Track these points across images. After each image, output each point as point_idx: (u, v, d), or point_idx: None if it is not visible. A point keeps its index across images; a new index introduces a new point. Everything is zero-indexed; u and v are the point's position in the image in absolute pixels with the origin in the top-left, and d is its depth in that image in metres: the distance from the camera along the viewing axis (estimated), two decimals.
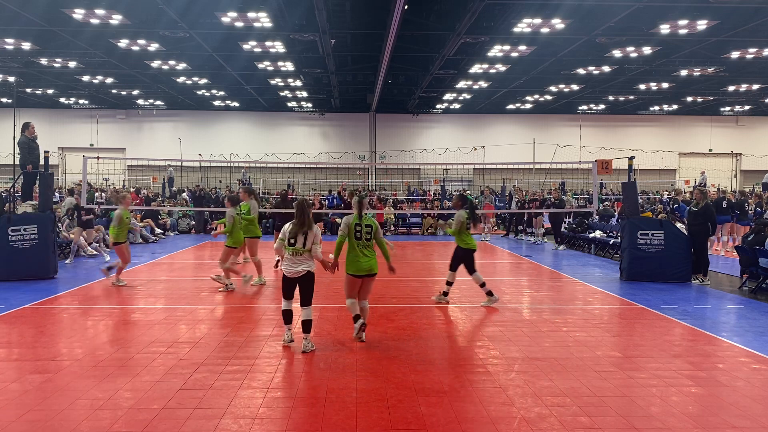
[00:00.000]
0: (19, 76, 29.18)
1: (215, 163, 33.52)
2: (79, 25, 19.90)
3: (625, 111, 39.89)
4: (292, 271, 6.51)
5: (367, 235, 6.96)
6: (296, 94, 33.93)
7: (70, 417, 4.71)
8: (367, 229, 6.96)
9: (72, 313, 8.52)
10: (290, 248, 6.49)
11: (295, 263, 6.51)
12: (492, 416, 4.81)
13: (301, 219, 6.51)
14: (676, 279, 11.45)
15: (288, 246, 6.48)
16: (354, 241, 6.94)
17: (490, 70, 26.44)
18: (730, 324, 8.24)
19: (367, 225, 6.98)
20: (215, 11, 18.81)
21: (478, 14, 17.43)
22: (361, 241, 6.92)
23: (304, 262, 6.53)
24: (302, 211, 6.54)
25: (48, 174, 12.28)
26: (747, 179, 39.87)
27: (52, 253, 11.48)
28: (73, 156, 36.55)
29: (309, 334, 6.59)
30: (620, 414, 4.86)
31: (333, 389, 5.38)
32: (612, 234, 16.29)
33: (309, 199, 13.99)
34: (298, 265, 6.51)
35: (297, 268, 6.50)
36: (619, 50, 22.90)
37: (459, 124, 40.62)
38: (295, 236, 6.47)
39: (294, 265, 6.51)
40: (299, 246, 6.48)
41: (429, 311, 8.80)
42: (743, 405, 5.10)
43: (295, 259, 6.51)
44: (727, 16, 18.68)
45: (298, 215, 6.52)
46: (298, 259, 6.52)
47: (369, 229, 6.97)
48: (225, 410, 4.88)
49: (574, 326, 7.87)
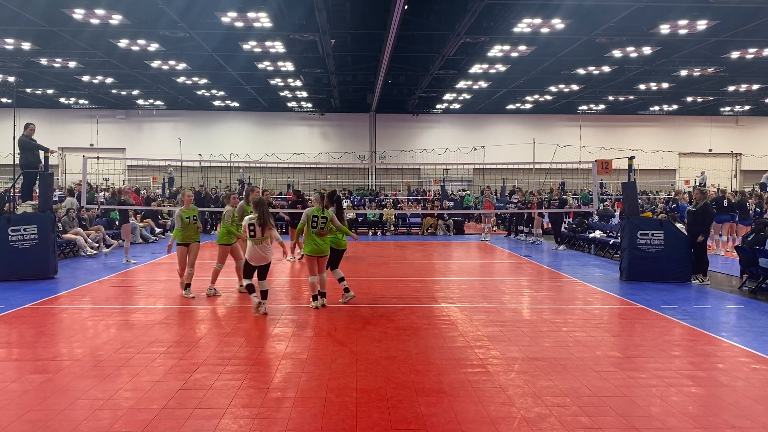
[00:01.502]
0: (19, 76, 29.15)
1: (215, 163, 33.50)
2: (79, 25, 19.89)
3: (625, 111, 39.87)
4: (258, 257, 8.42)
5: (322, 225, 8.64)
6: (296, 94, 33.91)
7: (70, 417, 4.72)
8: (322, 220, 8.65)
9: (72, 313, 8.52)
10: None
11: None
12: (492, 416, 4.81)
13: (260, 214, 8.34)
14: (676, 279, 11.45)
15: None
16: (311, 229, 8.63)
17: (490, 70, 26.43)
18: (730, 324, 8.24)
19: (323, 217, 8.68)
20: (215, 11, 18.80)
21: (478, 14, 17.42)
22: (315, 229, 8.63)
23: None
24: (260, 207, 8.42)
25: (48, 174, 12.28)
26: (747, 179, 39.86)
27: (52, 253, 11.48)
28: (73, 156, 36.53)
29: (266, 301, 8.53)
30: (620, 414, 4.86)
31: (333, 389, 5.38)
32: (612, 234, 16.30)
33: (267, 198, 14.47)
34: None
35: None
36: (619, 50, 22.89)
37: (459, 124, 40.61)
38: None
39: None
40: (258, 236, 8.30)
41: (429, 311, 8.80)
42: (743, 405, 5.10)
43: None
44: (727, 16, 18.66)
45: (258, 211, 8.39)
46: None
47: (324, 220, 8.66)
48: (225, 410, 4.88)
49: (574, 326, 7.88)
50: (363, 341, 7.00)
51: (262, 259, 8.36)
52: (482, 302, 9.49)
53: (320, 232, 8.64)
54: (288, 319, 8.16)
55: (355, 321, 8.05)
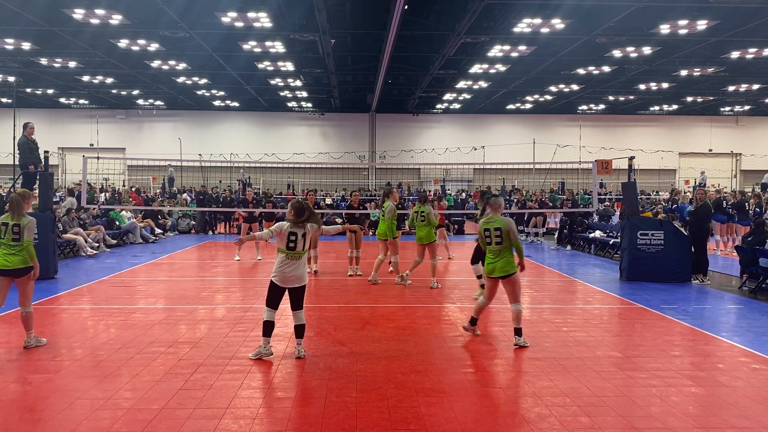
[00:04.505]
0: (19, 76, 29.15)
1: (215, 163, 33.50)
2: (79, 25, 19.89)
3: (625, 111, 39.87)
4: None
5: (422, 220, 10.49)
6: (296, 94, 33.91)
7: (70, 417, 4.71)
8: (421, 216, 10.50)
9: (72, 313, 8.52)
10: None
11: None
12: (492, 416, 4.81)
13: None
14: (676, 279, 11.45)
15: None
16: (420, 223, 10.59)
17: (490, 70, 26.42)
18: (730, 324, 8.24)
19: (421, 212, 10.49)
20: (215, 11, 18.80)
21: (478, 14, 17.42)
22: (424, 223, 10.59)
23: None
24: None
25: (48, 174, 12.28)
26: (747, 179, 39.85)
27: (52, 253, 11.47)
28: (73, 156, 36.53)
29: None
30: (620, 414, 4.86)
31: (333, 389, 5.38)
32: (612, 234, 16.29)
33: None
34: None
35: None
36: (619, 50, 22.89)
37: (459, 124, 40.61)
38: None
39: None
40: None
41: (429, 311, 8.80)
42: (743, 405, 5.10)
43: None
44: (727, 16, 18.66)
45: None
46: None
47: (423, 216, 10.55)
48: (225, 410, 4.88)
49: (574, 326, 7.87)
50: (363, 341, 7.00)
51: (297, 279, 6.24)
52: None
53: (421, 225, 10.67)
54: (288, 319, 8.15)
55: (355, 321, 8.05)
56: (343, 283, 11.20)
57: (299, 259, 6.19)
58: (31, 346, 6.62)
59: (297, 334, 6.38)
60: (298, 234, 6.14)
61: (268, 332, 6.28)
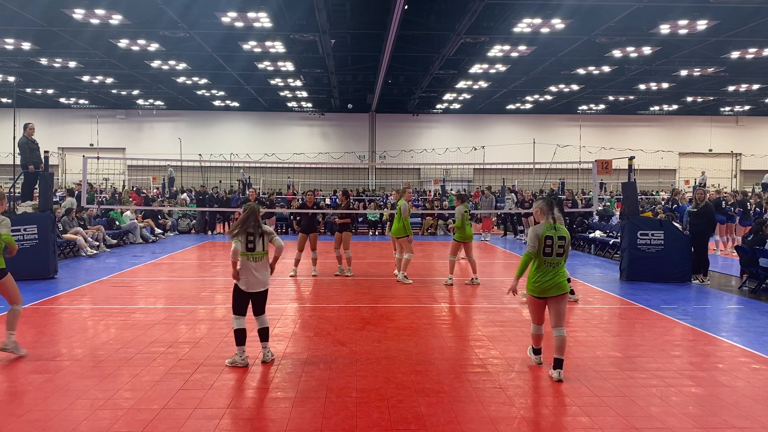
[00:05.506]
0: (19, 76, 29.17)
1: (215, 163, 33.51)
2: (79, 25, 19.90)
3: (625, 111, 39.88)
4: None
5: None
6: (296, 94, 33.92)
7: (70, 417, 4.71)
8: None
9: (72, 313, 8.52)
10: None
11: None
12: (492, 416, 4.81)
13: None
14: (676, 279, 11.45)
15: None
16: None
17: (490, 70, 26.43)
18: (730, 324, 8.23)
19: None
20: (215, 11, 18.81)
21: (478, 14, 17.43)
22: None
23: None
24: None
25: (48, 174, 12.28)
26: (747, 179, 39.87)
27: (52, 253, 11.47)
28: (73, 156, 36.55)
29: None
30: (620, 414, 4.86)
31: (333, 389, 5.38)
32: (612, 234, 16.29)
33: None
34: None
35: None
36: (619, 50, 22.90)
37: (459, 124, 40.62)
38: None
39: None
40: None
41: (429, 311, 8.79)
42: (743, 405, 5.10)
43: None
44: (727, 16, 18.67)
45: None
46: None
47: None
48: (225, 410, 4.88)
49: (574, 326, 7.87)
50: (363, 341, 7.00)
51: (259, 283, 6.14)
52: (482, 302, 9.49)
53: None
54: (288, 319, 8.17)
55: (355, 321, 8.05)
56: (343, 283, 11.20)
57: (260, 260, 6.11)
58: (7, 350, 6.18)
59: (262, 337, 6.22)
60: (256, 234, 6.10)
61: (241, 341, 6.06)
